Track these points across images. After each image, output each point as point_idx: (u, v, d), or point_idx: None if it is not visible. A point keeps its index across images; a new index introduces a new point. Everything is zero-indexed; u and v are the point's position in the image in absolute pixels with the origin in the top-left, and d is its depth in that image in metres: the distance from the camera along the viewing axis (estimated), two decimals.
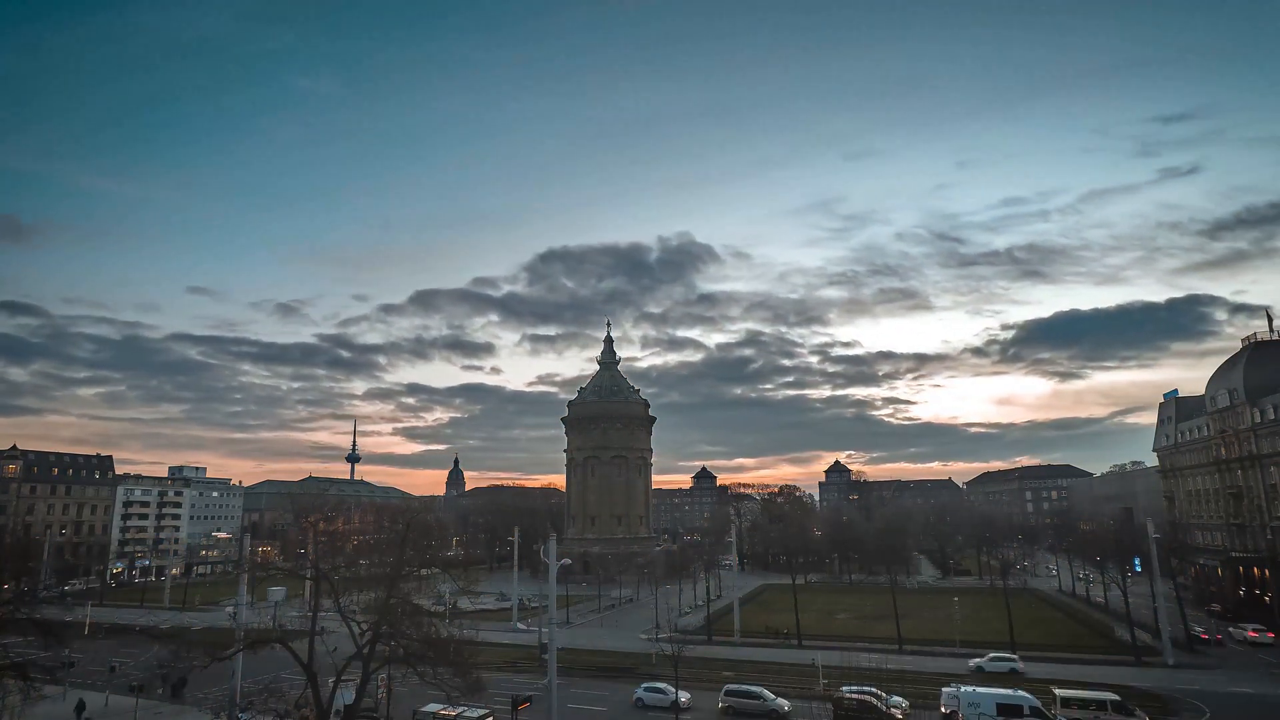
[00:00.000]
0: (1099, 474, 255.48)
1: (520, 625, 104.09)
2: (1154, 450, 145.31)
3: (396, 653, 43.42)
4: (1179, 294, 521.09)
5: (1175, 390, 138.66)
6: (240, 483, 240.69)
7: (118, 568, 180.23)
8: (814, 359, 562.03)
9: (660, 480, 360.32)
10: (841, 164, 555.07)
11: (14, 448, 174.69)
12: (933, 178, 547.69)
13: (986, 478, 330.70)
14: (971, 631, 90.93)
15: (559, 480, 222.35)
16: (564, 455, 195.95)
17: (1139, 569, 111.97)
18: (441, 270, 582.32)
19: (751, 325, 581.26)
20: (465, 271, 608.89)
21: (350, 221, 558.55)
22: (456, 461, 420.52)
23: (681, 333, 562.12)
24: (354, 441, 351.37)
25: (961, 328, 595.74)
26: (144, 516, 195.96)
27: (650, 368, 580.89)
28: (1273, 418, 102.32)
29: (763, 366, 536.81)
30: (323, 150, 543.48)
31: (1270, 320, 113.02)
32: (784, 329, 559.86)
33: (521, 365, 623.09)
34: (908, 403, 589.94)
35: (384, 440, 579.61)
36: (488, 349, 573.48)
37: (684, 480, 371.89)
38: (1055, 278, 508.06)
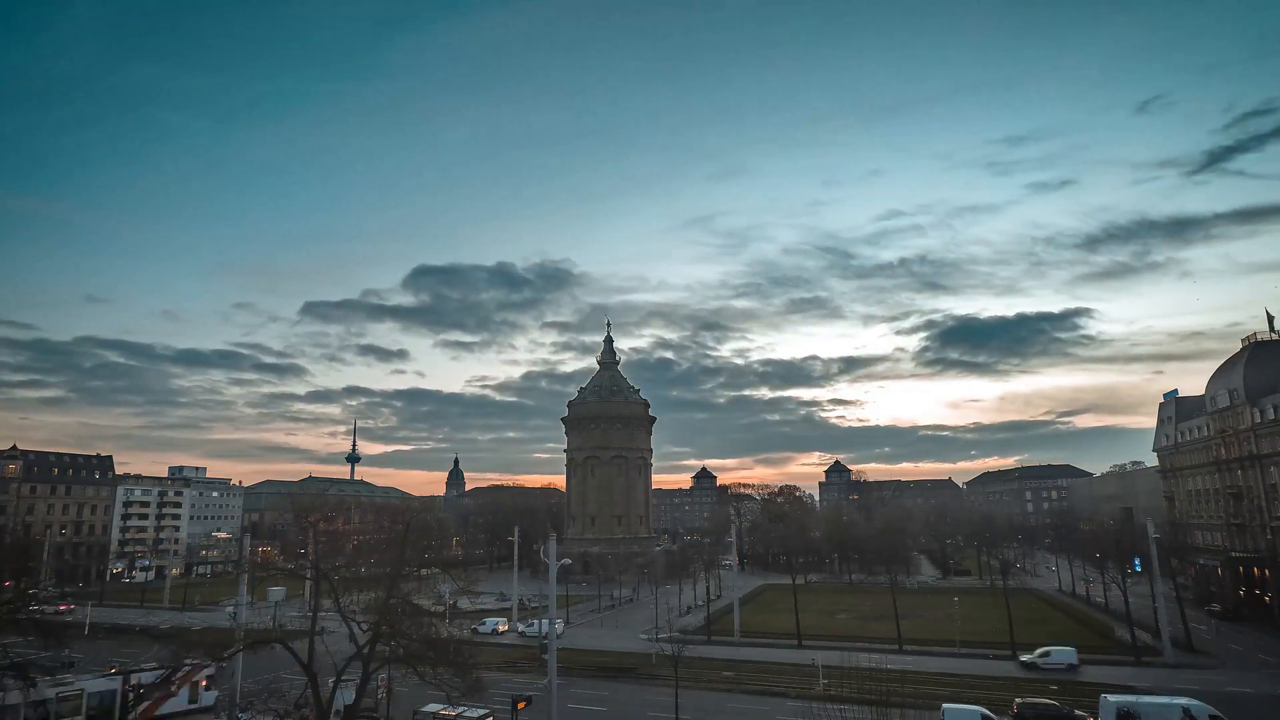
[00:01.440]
0: (1099, 474, 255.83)
1: (520, 625, 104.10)
2: (1154, 450, 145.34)
3: (396, 653, 43.43)
4: (1075, 304, 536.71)
5: (1175, 390, 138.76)
6: (240, 483, 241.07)
7: (118, 568, 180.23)
8: (738, 361, 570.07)
9: (660, 480, 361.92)
10: (712, 183, 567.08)
11: (14, 448, 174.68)
12: (804, 195, 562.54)
13: (987, 478, 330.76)
14: (971, 631, 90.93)
15: (559, 480, 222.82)
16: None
17: (1139, 569, 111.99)
18: (331, 283, 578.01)
19: (666, 334, 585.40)
20: (355, 283, 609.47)
21: (240, 241, 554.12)
22: (456, 461, 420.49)
23: (590, 338, 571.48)
24: (354, 442, 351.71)
25: (879, 336, 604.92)
26: (144, 516, 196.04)
27: (576, 371, 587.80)
28: (1273, 418, 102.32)
29: (691, 369, 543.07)
30: (197, 181, 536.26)
31: (1270, 320, 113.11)
32: (705, 336, 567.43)
33: (446, 369, 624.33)
34: (854, 402, 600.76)
35: (335, 442, 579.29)
36: (402, 355, 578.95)
37: (684, 480, 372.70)
38: (956, 289, 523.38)
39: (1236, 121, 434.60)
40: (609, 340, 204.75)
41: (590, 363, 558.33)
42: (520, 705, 47.39)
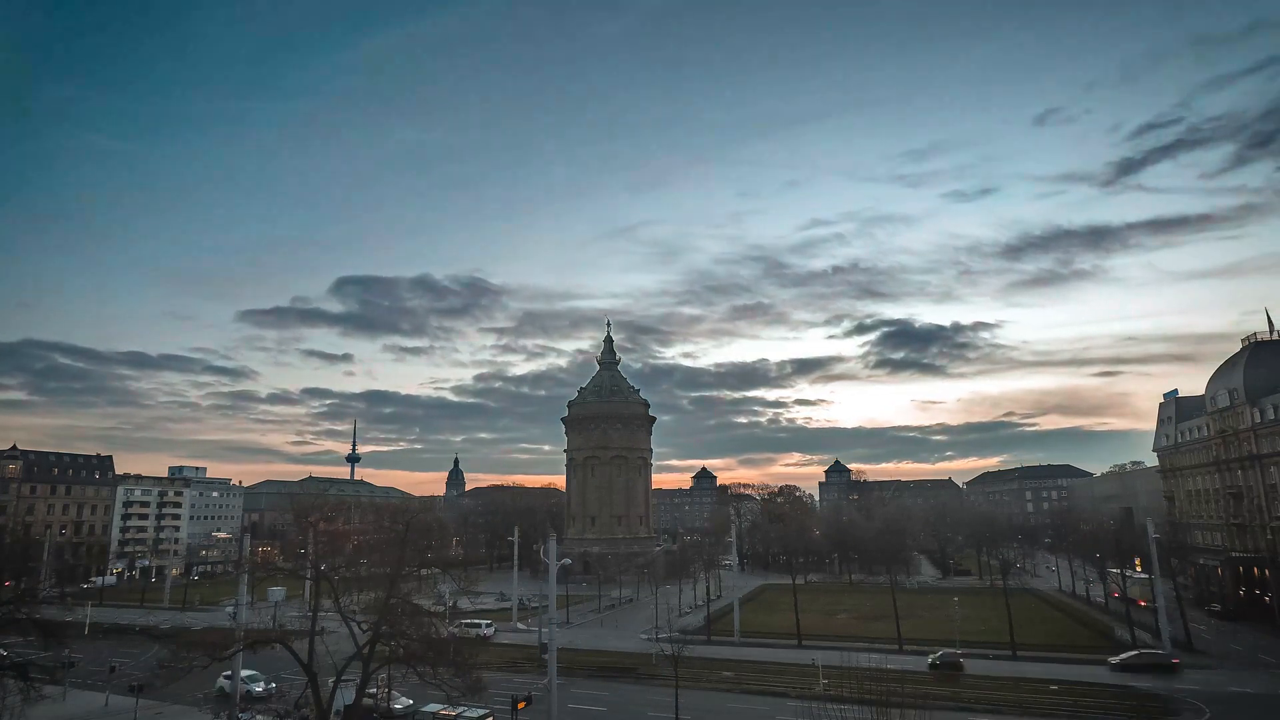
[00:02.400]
0: (1099, 474, 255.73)
1: (520, 625, 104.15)
2: (1154, 450, 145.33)
3: (396, 653, 43.42)
4: (1010, 310, 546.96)
5: (1175, 390, 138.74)
6: (240, 483, 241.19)
7: (118, 568, 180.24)
8: (689, 363, 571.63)
9: (660, 480, 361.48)
10: (633, 194, 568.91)
11: (14, 447, 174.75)
12: (723, 206, 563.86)
13: (987, 477, 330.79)
14: (971, 632, 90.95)
15: (558, 480, 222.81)
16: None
17: (1140, 571, 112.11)
18: (262, 292, 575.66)
19: (615, 337, 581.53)
20: (284, 292, 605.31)
21: (169, 250, 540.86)
22: (456, 461, 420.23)
23: (533, 341, 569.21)
24: (354, 442, 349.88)
25: (826, 339, 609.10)
26: (144, 517, 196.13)
27: (528, 373, 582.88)
28: (1273, 418, 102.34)
29: (643, 370, 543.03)
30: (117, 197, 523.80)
31: (1270, 320, 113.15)
32: (649, 340, 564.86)
33: (395, 372, 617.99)
34: (819, 403, 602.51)
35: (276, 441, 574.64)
36: (347, 358, 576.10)
37: (684, 480, 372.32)
38: (894, 295, 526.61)
39: (1134, 135, 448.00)
40: (609, 340, 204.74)
41: (538, 365, 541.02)
42: (520, 705, 47.41)
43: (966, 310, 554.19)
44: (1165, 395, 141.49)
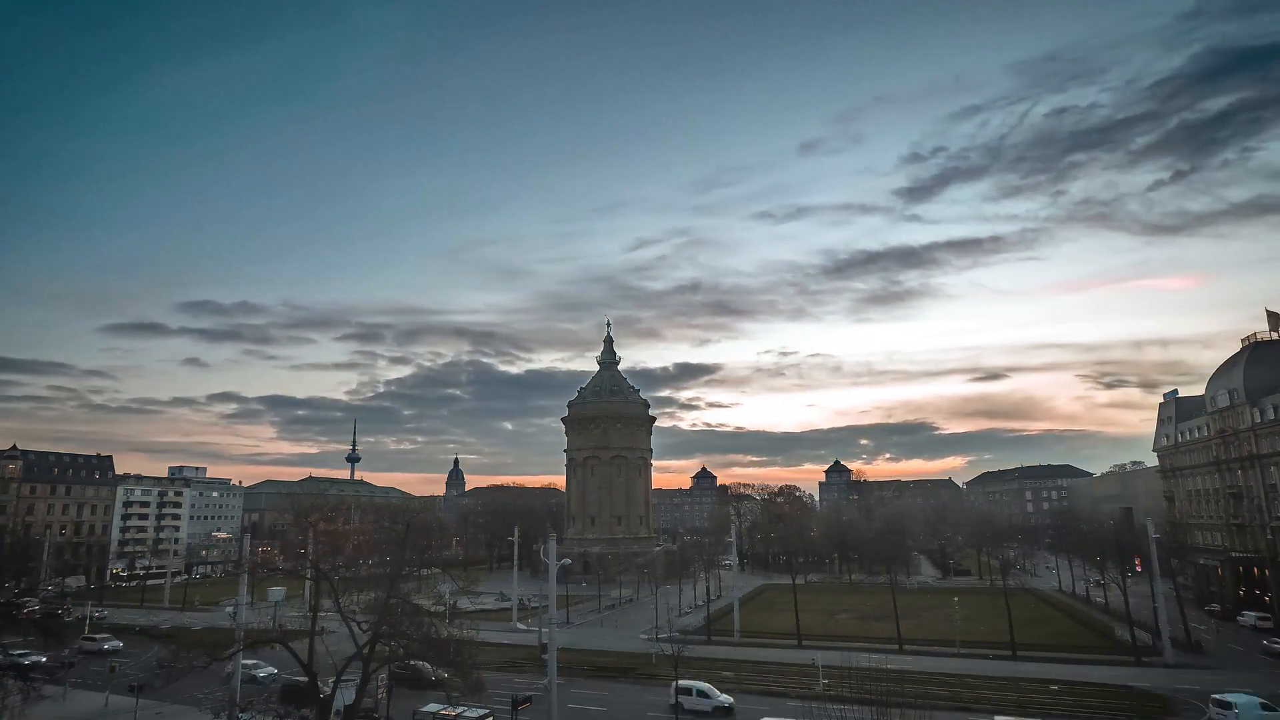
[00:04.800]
0: (1099, 474, 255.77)
1: (520, 625, 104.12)
2: (1154, 450, 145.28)
3: (396, 653, 43.41)
4: (863, 325, 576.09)
5: (1175, 390, 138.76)
6: (240, 483, 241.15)
7: (117, 568, 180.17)
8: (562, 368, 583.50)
9: (660, 480, 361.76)
10: (469, 217, 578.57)
11: (14, 447, 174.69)
12: (547, 229, 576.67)
13: (986, 477, 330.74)
14: (971, 632, 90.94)
15: (559, 480, 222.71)
16: (563, 455, 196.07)
17: (1139, 571, 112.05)
18: (107, 309, 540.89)
19: (470, 350, 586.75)
20: (129, 311, 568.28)
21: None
22: (456, 461, 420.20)
23: (400, 350, 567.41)
24: (354, 441, 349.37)
25: (706, 351, 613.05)
26: (144, 516, 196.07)
27: (407, 376, 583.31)
28: (1273, 418, 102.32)
29: (526, 376, 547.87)
30: None
31: (1271, 320, 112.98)
32: (514, 351, 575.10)
33: (278, 378, 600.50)
34: (729, 405, 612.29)
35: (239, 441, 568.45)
36: (223, 366, 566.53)
37: (684, 480, 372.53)
38: (750, 312, 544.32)
39: (902, 164, 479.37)
40: (609, 341, 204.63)
41: (405, 371, 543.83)
42: (521, 705, 47.42)
43: (820, 328, 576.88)
44: (1165, 395, 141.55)
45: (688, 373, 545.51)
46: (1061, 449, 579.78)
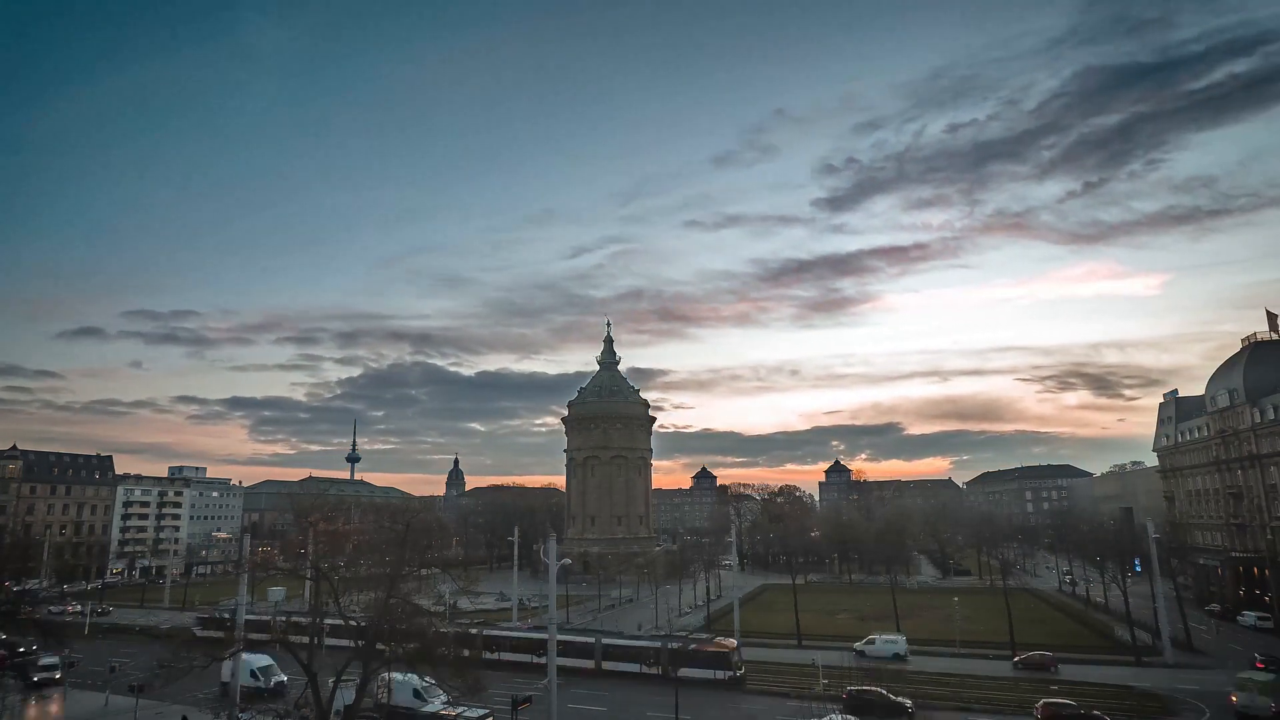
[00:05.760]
0: (1099, 474, 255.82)
1: (520, 625, 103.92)
2: (1154, 450, 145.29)
3: (396, 653, 43.39)
4: (810, 332, 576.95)
5: (1175, 390, 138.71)
6: (240, 483, 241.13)
7: (117, 568, 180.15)
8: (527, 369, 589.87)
9: (660, 480, 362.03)
10: (401, 224, 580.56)
11: (14, 447, 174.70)
12: (483, 236, 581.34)
13: (986, 477, 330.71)
14: (971, 631, 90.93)
15: (559, 480, 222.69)
16: (566, 454, 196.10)
17: (1139, 569, 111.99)
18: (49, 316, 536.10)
19: (428, 354, 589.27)
20: (78, 318, 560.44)
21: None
22: (456, 461, 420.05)
23: (341, 353, 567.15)
24: (354, 441, 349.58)
25: (666, 355, 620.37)
26: (144, 516, 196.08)
27: (361, 375, 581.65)
28: (1273, 418, 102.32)
29: (489, 377, 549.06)
30: None
31: (1270, 320, 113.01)
32: (484, 353, 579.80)
33: (240, 380, 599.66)
34: (694, 407, 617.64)
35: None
36: (183, 372, 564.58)
37: (684, 480, 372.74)
38: (698, 319, 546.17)
39: (816, 176, 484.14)
40: (609, 341, 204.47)
41: (352, 371, 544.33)
42: (521, 705, 47.40)
43: (768, 334, 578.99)
44: (1165, 395, 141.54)
45: (643, 376, 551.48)
46: (1041, 450, 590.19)
